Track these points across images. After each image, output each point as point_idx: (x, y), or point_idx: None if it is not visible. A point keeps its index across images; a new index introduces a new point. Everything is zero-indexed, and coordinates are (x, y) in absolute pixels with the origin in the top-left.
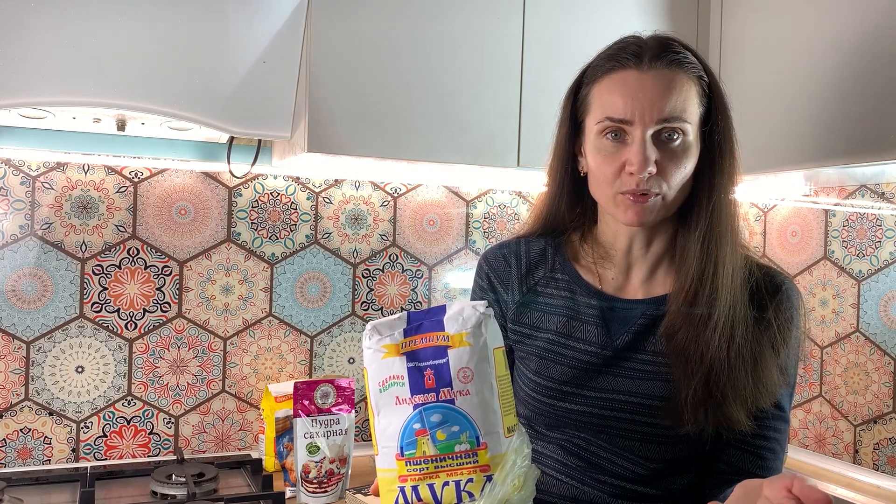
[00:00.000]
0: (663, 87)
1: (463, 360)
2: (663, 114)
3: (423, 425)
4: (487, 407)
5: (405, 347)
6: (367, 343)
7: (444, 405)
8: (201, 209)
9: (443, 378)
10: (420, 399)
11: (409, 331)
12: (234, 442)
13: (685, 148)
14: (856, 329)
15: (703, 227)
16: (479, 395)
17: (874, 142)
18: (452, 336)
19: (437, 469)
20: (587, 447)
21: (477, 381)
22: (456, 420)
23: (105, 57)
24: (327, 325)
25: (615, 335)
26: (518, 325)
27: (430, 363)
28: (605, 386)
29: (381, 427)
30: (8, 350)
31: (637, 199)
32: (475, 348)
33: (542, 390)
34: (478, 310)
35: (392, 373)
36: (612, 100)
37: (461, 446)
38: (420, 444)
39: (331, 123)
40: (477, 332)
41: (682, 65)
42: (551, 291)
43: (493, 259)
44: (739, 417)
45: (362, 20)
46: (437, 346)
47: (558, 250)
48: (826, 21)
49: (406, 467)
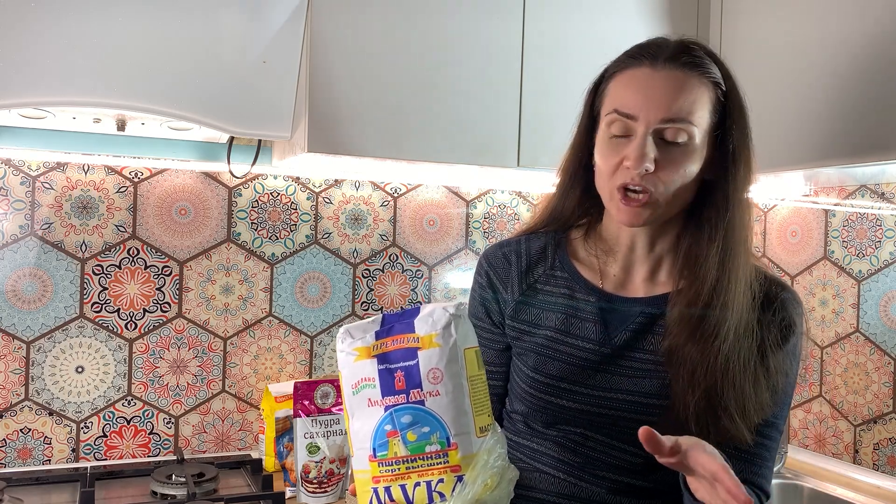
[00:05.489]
0: (673, 88)
1: (432, 361)
2: (668, 113)
3: (394, 426)
4: (458, 407)
5: (376, 350)
6: (340, 346)
7: (414, 406)
8: (201, 209)
9: (413, 379)
10: (391, 401)
11: (380, 333)
12: (234, 442)
13: (688, 151)
14: (856, 329)
15: (719, 238)
16: (449, 396)
17: (874, 142)
18: (422, 337)
19: (408, 470)
20: (584, 442)
21: (447, 381)
22: (426, 421)
23: (105, 57)
24: (327, 325)
25: (614, 333)
26: (517, 321)
27: (401, 365)
28: (603, 384)
29: (354, 429)
30: (8, 350)
31: (628, 202)
32: (444, 349)
33: (538, 387)
34: (448, 311)
35: (364, 375)
36: (622, 94)
37: (431, 447)
38: (391, 445)
39: (331, 123)
40: (446, 332)
41: (698, 68)
42: (550, 289)
43: (493, 258)
44: (741, 434)
45: (362, 20)
46: (407, 348)
47: (559, 248)
48: (825, 22)
49: (378, 468)
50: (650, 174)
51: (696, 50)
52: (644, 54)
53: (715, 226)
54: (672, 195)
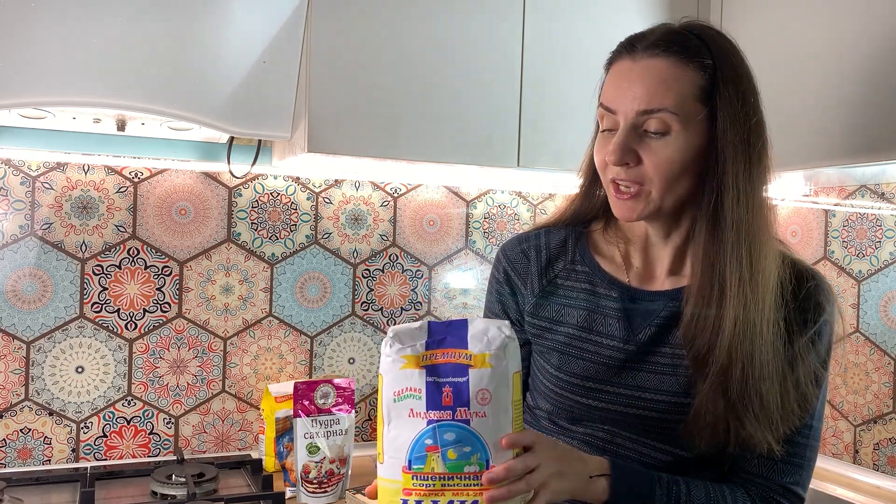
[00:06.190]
0: (650, 78)
1: (483, 382)
2: (645, 105)
3: (436, 441)
4: (501, 431)
5: (425, 360)
6: (387, 351)
7: (460, 424)
8: (201, 209)
9: (461, 397)
10: (435, 415)
11: (431, 344)
12: (234, 442)
13: (673, 141)
14: (856, 329)
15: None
16: (494, 419)
17: (874, 142)
18: (475, 356)
19: (443, 487)
20: (612, 440)
21: (494, 403)
22: (469, 441)
23: (105, 57)
24: (327, 326)
25: (638, 329)
26: (537, 318)
27: (450, 380)
28: (629, 381)
29: (390, 436)
30: (8, 350)
31: (620, 195)
32: (496, 371)
33: (564, 386)
34: (503, 332)
35: (409, 384)
36: (606, 88)
37: (470, 467)
38: (430, 460)
39: (331, 123)
40: (500, 354)
41: (680, 54)
42: (571, 284)
43: (511, 252)
44: (767, 442)
45: (362, 20)
46: (458, 364)
47: (579, 241)
48: (825, 22)
49: (412, 481)
50: (636, 168)
51: (681, 35)
52: (625, 46)
53: (723, 218)
54: (664, 188)
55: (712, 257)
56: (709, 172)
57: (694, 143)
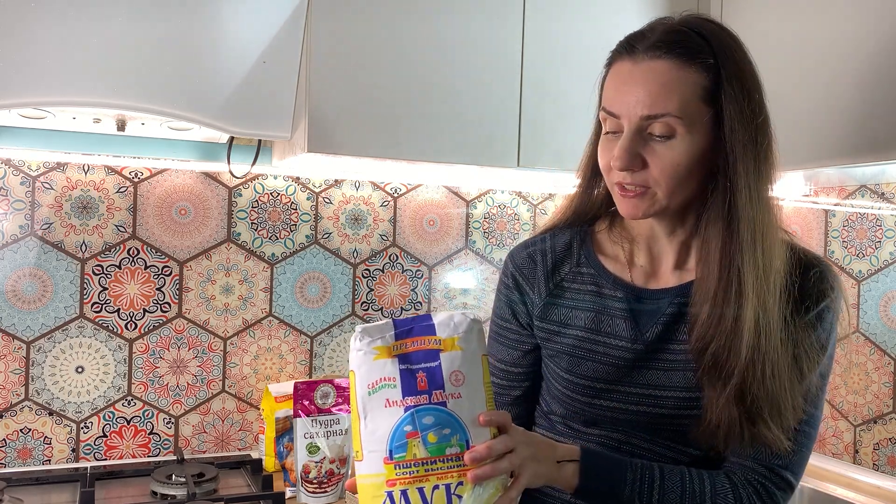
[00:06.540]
0: (652, 81)
1: (455, 364)
2: (650, 109)
3: (415, 427)
4: (477, 410)
5: (397, 350)
6: (357, 345)
7: (437, 407)
8: (201, 209)
9: (435, 380)
10: (412, 401)
11: (400, 334)
12: (234, 442)
13: (678, 144)
14: (856, 329)
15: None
16: (469, 399)
17: (874, 142)
18: (444, 340)
19: (426, 472)
20: (627, 440)
21: (468, 384)
22: (447, 422)
23: (105, 57)
24: (327, 326)
25: (645, 328)
26: (545, 322)
27: (422, 366)
28: (640, 380)
29: (367, 430)
30: (8, 350)
31: (625, 193)
32: (466, 353)
33: (576, 388)
34: (468, 316)
35: (383, 374)
36: (608, 91)
37: (451, 449)
38: (411, 446)
39: (331, 123)
40: (468, 337)
41: (683, 55)
42: (577, 286)
43: (519, 258)
44: (779, 440)
45: (362, 20)
46: (429, 350)
47: (584, 242)
48: (825, 22)
49: (395, 471)
50: (641, 172)
51: (681, 34)
52: (626, 46)
53: (737, 218)
54: (670, 190)
55: (730, 257)
56: (718, 172)
57: (700, 145)
